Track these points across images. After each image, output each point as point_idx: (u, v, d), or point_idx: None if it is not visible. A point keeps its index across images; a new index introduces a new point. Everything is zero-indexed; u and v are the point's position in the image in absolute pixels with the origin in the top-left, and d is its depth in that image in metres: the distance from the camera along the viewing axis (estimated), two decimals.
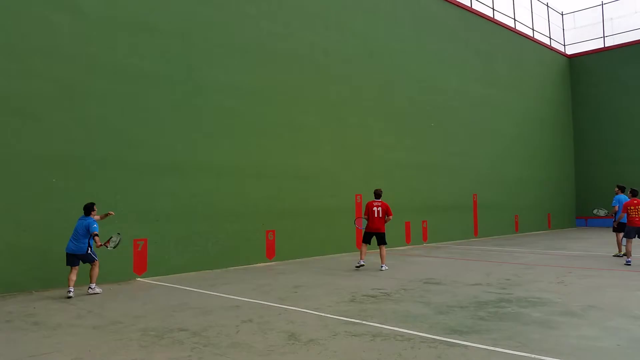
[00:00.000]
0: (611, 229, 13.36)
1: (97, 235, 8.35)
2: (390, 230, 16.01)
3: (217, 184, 11.71)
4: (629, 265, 10.92)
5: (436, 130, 18.16)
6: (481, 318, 6.31)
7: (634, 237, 11.11)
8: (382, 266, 10.87)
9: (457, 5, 19.94)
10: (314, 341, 5.35)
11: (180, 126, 11.17)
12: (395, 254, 14.43)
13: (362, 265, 10.86)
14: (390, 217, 10.98)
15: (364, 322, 6.16)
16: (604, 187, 25.19)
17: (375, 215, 10.86)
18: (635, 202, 11.12)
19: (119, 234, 8.77)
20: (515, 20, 23.93)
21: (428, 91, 17.99)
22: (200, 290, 8.70)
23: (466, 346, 5.09)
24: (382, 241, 10.90)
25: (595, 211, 14.12)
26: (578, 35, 28.10)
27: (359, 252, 11.24)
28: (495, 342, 5.23)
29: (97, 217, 8.72)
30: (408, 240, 16.73)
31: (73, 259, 8.41)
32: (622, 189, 13.02)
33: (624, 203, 11.36)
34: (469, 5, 20.69)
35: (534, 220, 23.33)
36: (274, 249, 12.78)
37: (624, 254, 11.64)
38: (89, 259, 8.56)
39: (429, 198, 17.60)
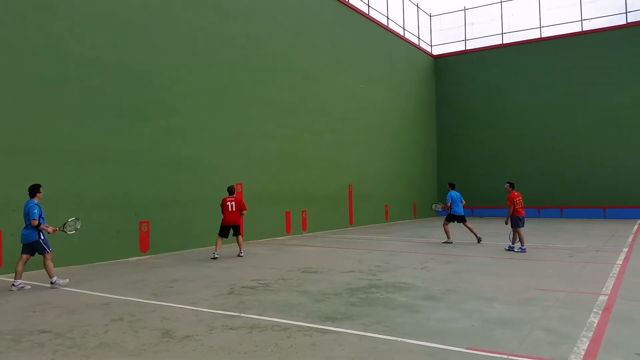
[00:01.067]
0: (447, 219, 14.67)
1: (36, 221, 7.70)
2: (270, 220, 16.24)
3: (82, 170, 10.84)
4: (524, 251, 11.83)
5: (315, 123, 18.62)
6: (353, 304, 6.65)
7: (522, 226, 12.10)
8: (240, 252, 11.78)
9: None
10: (189, 337, 5.23)
11: (38, 104, 10.11)
12: (275, 244, 14.60)
13: (216, 258, 11.27)
14: (244, 210, 11.79)
15: (242, 314, 6.16)
16: (463, 180, 27.92)
17: (230, 210, 11.54)
18: (516, 194, 12.17)
19: (77, 218, 8.18)
20: (388, 18, 25.28)
21: (307, 82, 18.34)
22: (65, 288, 8.02)
23: (339, 332, 5.34)
24: (237, 232, 11.73)
25: (433, 206, 15.82)
26: (443, 37, 30.62)
27: (215, 245, 11.80)
28: (365, 327, 5.55)
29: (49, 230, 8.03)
30: (288, 230, 17.01)
31: (24, 248, 7.88)
32: (453, 186, 14.65)
33: (508, 197, 12.29)
34: (346, 0, 21.36)
35: (402, 210, 25.10)
36: (148, 241, 12.20)
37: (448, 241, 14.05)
38: (39, 249, 7.85)
39: (308, 188, 18.04)
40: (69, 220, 8.19)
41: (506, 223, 12.45)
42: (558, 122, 26.19)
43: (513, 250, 12.10)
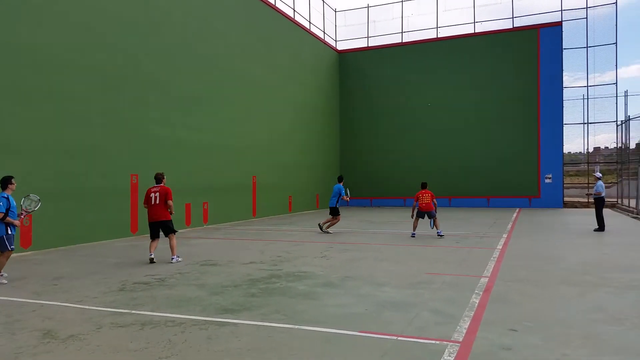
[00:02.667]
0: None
1: (3, 214, 7.29)
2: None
3: None
4: (414, 237, 13.12)
5: (219, 112, 18.20)
6: (253, 295, 6.62)
7: (422, 218, 13.53)
8: (172, 258, 9.50)
9: None
10: (74, 337, 4.89)
11: None
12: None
13: (152, 259, 9.39)
14: (170, 202, 9.55)
15: (133, 311, 5.88)
16: (365, 171, 28.92)
17: (153, 202, 9.54)
18: (422, 192, 13.45)
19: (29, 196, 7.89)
20: (294, 10, 25.34)
21: (211, 71, 17.85)
22: None
23: (236, 324, 5.29)
24: (168, 230, 9.60)
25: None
26: (348, 33, 31.35)
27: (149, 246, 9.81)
28: (264, 317, 5.55)
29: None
30: (188, 223, 16.51)
31: None
32: (340, 179, 15.55)
33: (417, 193, 13.61)
34: None
35: (305, 200, 25.43)
36: (30, 236, 11.20)
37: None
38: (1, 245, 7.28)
39: (210, 179, 17.62)
40: (23, 200, 8.00)
41: (412, 216, 13.76)
42: (448, 118, 28.00)
43: (441, 236, 13.10)
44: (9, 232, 7.59)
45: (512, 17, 27.60)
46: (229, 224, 18.27)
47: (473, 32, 28.23)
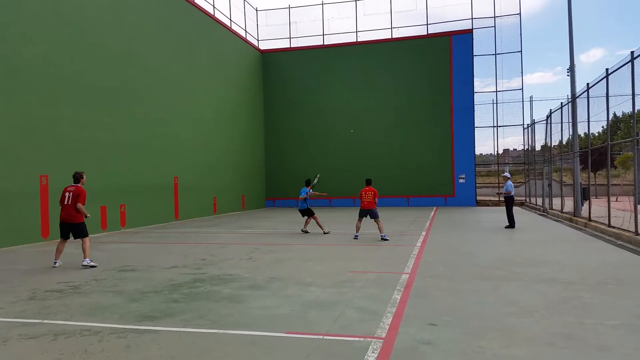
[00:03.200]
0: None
1: None
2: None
3: None
4: (356, 239, 12.79)
5: (136, 110, 17.48)
6: (175, 301, 6.42)
7: (364, 217, 13.16)
8: (84, 261, 9.11)
9: None
10: None
11: None
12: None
13: (55, 267, 9.07)
14: (80, 205, 9.08)
15: (45, 321, 5.50)
16: (292, 171, 28.93)
17: (65, 202, 9.11)
18: (365, 189, 13.19)
19: None
20: (214, 7, 24.87)
21: (128, 67, 17.10)
22: None
23: (157, 331, 5.10)
24: (79, 234, 9.16)
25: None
26: (270, 33, 31.26)
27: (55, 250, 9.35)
28: (186, 322, 5.40)
29: None
30: (104, 227, 15.70)
31: None
32: (307, 183, 14.99)
33: (360, 190, 13.35)
34: None
35: (230, 201, 25.05)
36: None
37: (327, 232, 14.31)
38: None
39: (128, 180, 16.87)
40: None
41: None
42: (366, 120, 28.84)
43: (386, 240, 12.44)
44: None
45: (427, 24, 28.88)
46: (149, 227, 17.59)
47: (391, 37, 29.21)
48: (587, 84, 15.42)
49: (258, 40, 30.87)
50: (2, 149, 12.15)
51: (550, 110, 22.80)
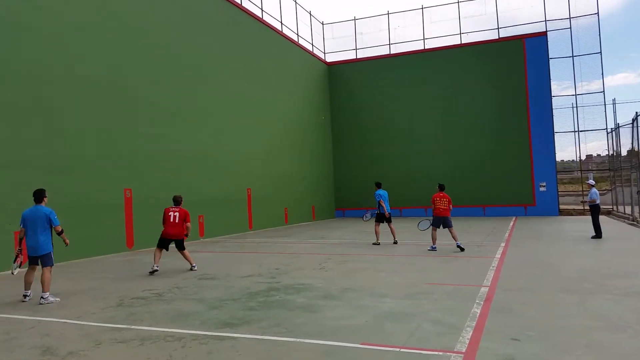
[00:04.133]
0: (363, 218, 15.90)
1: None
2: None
3: None
4: (434, 250, 12.17)
5: (207, 125, 18.18)
6: (252, 308, 6.57)
7: (439, 227, 12.46)
8: (192, 266, 10.39)
9: (228, 1, 20.21)
10: (73, 354, 4.83)
11: None
12: (170, 251, 13.97)
13: (156, 270, 9.91)
14: (189, 224, 10.40)
15: (132, 326, 5.81)
16: (361, 181, 28.89)
17: (171, 221, 10.25)
18: (440, 195, 12.56)
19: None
20: (282, 24, 25.50)
21: (198, 84, 17.83)
22: None
23: (236, 338, 5.24)
24: (181, 246, 10.36)
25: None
26: (336, 45, 31.58)
27: (153, 256, 10.15)
28: (263, 330, 5.50)
29: None
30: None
31: None
32: (379, 185, 14.94)
33: (433, 195, 12.63)
34: (239, 3, 21.18)
35: (301, 212, 25.37)
36: (25, 253, 11.05)
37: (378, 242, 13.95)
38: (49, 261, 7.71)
39: (205, 192, 17.56)
40: None
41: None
42: (436, 127, 28.16)
43: (462, 249, 12.00)
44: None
45: (498, 28, 27.90)
46: (225, 237, 18.19)
47: (460, 42, 28.49)
48: None
49: (324, 53, 31.25)
50: (91, 165, 13.07)
51: (637, 112, 21.19)
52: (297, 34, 27.43)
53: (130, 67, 14.70)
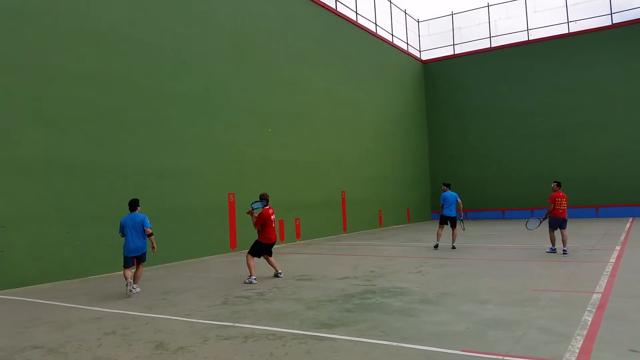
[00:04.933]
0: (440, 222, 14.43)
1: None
2: None
3: (70, 183, 10.73)
4: (554, 252, 11.68)
5: (304, 130, 18.61)
6: (348, 310, 6.62)
7: (557, 229, 11.77)
8: (279, 273, 9.72)
9: (323, 7, 20.59)
10: (183, 349, 5.18)
11: (21, 116, 10.04)
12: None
13: (254, 283, 9.13)
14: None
15: (236, 324, 6.11)
16: (461, 182, 27.97)
17: (273, 225, 9.52)
18: (561, 194, 11.75)
19: None
20: (376, 25, 25.45)
21: (296, 90, 18.33)
22: (56, 303, 7.93)
23: (334, 339, 5.30)
24: (270, 251, 9.78)
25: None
26: (432, 42, 30.84)
27: (248, 267, 9.31)
28: (360, 332, 5.52)
29: None
30: (282, 239, 16.95)
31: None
32: (448, 186, 14.33)
33: (551, 195, 11.78)
34: (334, 8, 21.49)
35: (395, 214, 25.10)
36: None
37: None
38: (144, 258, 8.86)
39: (301, 196, 18.01)
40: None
41: (542, 220, 12.23)
42: (546, 123, 26.36)
43: (554, 252, 11.65)
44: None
45: (611, 14, 25.62)
46: (321, 239, 18.50)
47: (567, 31, 26.55)
48: None
49: (420, 51, 30.70)
50: (197, 171, 13.94)
51: None
52: (392, 34, 27.24)
53: (232, 78, 15.45)
